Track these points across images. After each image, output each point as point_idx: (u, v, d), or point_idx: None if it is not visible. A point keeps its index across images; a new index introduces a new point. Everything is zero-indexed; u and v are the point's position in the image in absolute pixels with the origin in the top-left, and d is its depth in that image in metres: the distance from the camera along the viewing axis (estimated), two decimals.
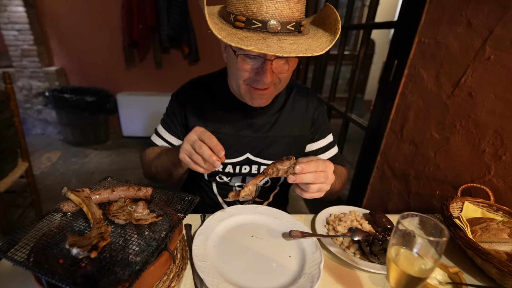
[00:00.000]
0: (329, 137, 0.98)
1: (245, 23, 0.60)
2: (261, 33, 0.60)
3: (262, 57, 0.67)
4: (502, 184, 0.86)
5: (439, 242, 0.43)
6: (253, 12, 0.59)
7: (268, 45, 0.56)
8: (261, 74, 0.68)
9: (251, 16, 0.59)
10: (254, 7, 0.59)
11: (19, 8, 3.06)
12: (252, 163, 0.92)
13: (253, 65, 0.69)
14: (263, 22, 0.59)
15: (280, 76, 0.72)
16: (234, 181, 0.96)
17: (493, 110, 0.88)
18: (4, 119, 1.55)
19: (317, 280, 0.60)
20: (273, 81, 0.71)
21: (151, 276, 0.53)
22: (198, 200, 0.65)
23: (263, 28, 0.59)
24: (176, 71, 3.56)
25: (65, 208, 0.58)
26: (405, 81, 1.24)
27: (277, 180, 0.96)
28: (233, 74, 0.75)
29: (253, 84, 0.72)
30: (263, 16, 0.59)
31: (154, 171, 0.89)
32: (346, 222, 0.79)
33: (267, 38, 0.58)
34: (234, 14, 0.61)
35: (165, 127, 0.95)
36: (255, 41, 0.57)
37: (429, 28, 1.11)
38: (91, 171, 2.90)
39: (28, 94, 3.47)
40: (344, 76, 4.93)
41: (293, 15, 0.61)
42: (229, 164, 0.92)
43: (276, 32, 0.60)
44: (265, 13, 0.58)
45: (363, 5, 4.63)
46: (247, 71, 0.70)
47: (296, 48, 0.58)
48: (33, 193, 1.93)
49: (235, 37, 0.58)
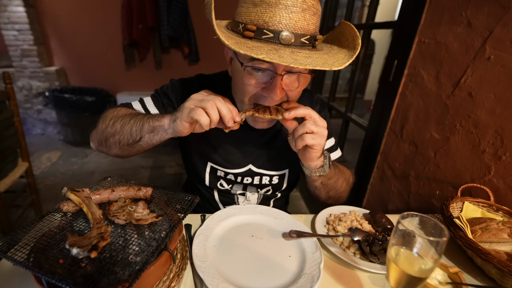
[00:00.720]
0: (330, 140, 0.96)
1: (256, 33, 0.56)
2: (272, 44, 0.55)
3: (271, 71, 0.61)
4: (502, 184, 0.86)
5: (439, 242, 0.43)
6: (265, 21, 0.55)
7: (280, 56, 0.51)
8: (269, 90, 0.62)
9: (262, 25, 0.55)
10: (267, 16, 0.55)
11: (19, 8, 3.06)
12: (255, 175, 0.90)
13: (261, 79, 0.63)
14: (275, 32, 0.55)
15: (289, 94, 0.66)
16: (236, 189, 0.94)
17: (493, 110, 0.88)
18: (4, 119, 1.55)
19: (317, 280, 0.60)
20: (282, 99, 0.66)
21: (151, 276, 0.53)
22: (198, 200, 0.65)
23: (275, 39, 0.55)
24: (176, 71, 3.56)
25: (65, 208, 0.58)
26: (405, 81, 1.24)
27: (278, 188, 0.95)
28: (239, 89, 0.70)
29: (259, 101, 0.67)
30: (276, 26, 0.55)
31: (115, 129, 0.72)
32: (346, 222, 0.79)
33: (279, 50, 0.54)
34: (244, 24, 0.57)
35: (154, 101, 0.85)
36: (266, 51, 0.52)
37: (429, 28, 1.11)
38: (91, 171, 2.90)
39: (28, 94, 3.47)
40: (344, 76, 4.93)
41: (308, 27, 0.57)
42: (231, 173, 0.90)
43: (289, 45, 0.56)
44: (278, 23, 0.54)
45: (363, 5, 4.63)
46: (254, 86, 0.65)
47: (311, 61, 0.53)
48: (33, 193, 1.93)
49: (243, 45, 0.53)
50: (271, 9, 0.54)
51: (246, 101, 0.69)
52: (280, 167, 0.91)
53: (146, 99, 0.87)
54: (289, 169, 0.93)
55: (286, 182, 0.95)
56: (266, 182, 0.93)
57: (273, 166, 0.90)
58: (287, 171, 0.93)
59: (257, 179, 0.91)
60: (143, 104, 0.86)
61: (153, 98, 0.87)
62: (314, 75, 1.95)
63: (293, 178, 0.96)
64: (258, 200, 0.96)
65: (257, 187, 0.94)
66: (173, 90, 0.85)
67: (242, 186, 0.94)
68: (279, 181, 0.93)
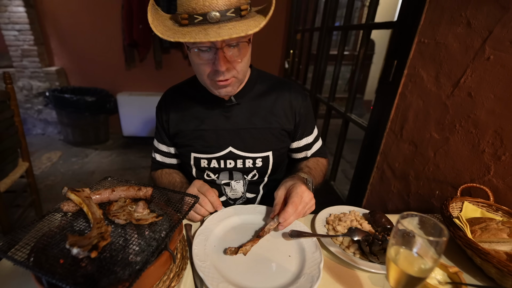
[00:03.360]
0: (314, 132, 1.02)
1: (188, 20, 0.64)
2: (203, 25, 0.64)
3: (214, 47, 0.70)
4: (502, 184, 0.86)
5: (438, 242, 0.43)
6: (193, 8, 0.63)
7: (206, 34, 0.60)
8: (215, 63, 0.71)
9: (192, 12, 0.63)
10: (193, 3, 0.63)
11: (19, 8, 3.06)
12: (237, 157, 0.93)
13: (207, 56, 0.72)
14: (203, 15, 0.63)
15: (235, 65, 0.75)
16: (222, 179, 0.97)
17: (493, 110, 0.88)
18: (4, 119, 1.55)
19: (317, 280, 0.60)
20: (229, 69, 0.74)
21: (151, 276, 0.53)
22: (198, 200, 0.65)
23: (205, 21, 0.63)
24: (176, 71, 3.56)
25: (65, 208, 0.58)
26: (405, 81, 1.24)
27: (264, 172, 0.97)
28: (197, 71, 0.80)
29: (214, 77, 0.75)
30: (202, 10, 0.63)
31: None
32: (346, 222, 0.79)
33: (207, 29, 0.62)
34: (179, 14, 0.66)
35: (157, 139, 1.02)
36: (195, 33, 0.61)
37: (429, 28, 1.11)
38: (91, 171, 2.91)
39: (29, 94, 3.47)
40: (344, 76, 4.93)
41: (230, 2, 0.64)
42: (213, 158, 0.93)
43: (217, 22, 0.64)
44: (203, 6, 0.62)
45: (363, 5, 4.63)
46: (205, 65, 0.74)
47: (233, 31, 0.61)
48: (34, 193, 1.93)
49: (178, 33, 0.63)
50: None
51: (206, 78, 0.78)
52: (261, 148, 0.93)
53: (155, 142, 1.04)
54: (273, 151, 0.95)
55: (271, 165, 0.96)
56: (250, 165, 0.94)
57: (254, 147, 0.92)
58: (271, 153, 0.94)
59: (240, 162, 0.93)
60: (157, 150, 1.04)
61: (156, 137, 1.03)
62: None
63: (279, 161, 0.98)
64: (244, 187, 0.98)
65: (242, 172, 0.96)
66: (158, 118, 0.99)
67: (227, 174, 0.96)
68: (263, 164, 0.95)
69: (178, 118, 0.94)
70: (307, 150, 1.02)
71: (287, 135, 0.96)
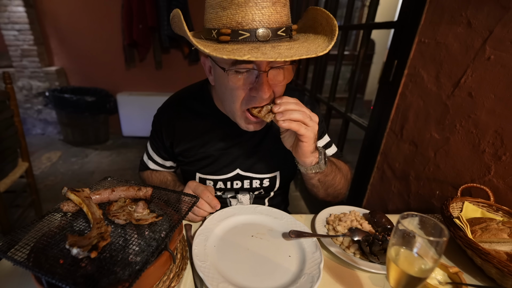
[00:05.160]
0: (325, 137, 0.95)
1: (231, 36, 0.54)
2: (251, 43, 0.55)
3: (255, 70, 0.61)
4: (502, 184, 0.86)
5: (439, 242, 0.43)
6: (238, 22, 0.54)
7: (263, 53, 0.51)
8: (257, 89, 0.62)
9: (236, 27, 0.54)
10: (239, 17, 0.54)
11: (19, 8, 3.06)
12: (244, 178, 0.90)
13: (246, 80, 0.63)
14: (251, 31, 0.54)
15: (276, 89, 0.66)
16: (227, 194, 0.94)
17: (493, 110, 0.88)
18: (4, 119, 1.55)
19: (317, 280, 0.60)
20: (271, 96, 0.65)
21: (151, 276, 0.53)
22: (198, 200, 0.65)
23: (252, 38, 0.54)
24: (176, 71, 3.56)
25: (65, 208, 0.58)
26: (405, 81, 1.24)
27: (271, 189, 0.94)
28: (227, 97, 0.69)
29: (249, 104, 0.66)
30: (250, 25, 0.54)
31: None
32: (346, 222, 0.79)
33: (259, 47, 0.53)
34: (216, 29, 0.56)
35: (153, 148, 0.96)
36: (247, 51, 0.52)
37: (429, 28, 1.11)
38: (91, 171, 2.90)
39: (28, 94, 3.47)
40: (344, 76, 4.93)
41: (282, 20, 0.56)
42: (220, 180, 0.90)
43: (267, 40, 0.55)
44: (252, 21, 0.53)
45: (363, 5, 4.63)
46: (241, 90, 0.64)
47: (295, 52, 0.53)
48: (33, 193, 1.93)
49: (223, 51, 0.52)
50: (242, 9, 0.53)
51: (238, 107, 0.68)
52: (270, 169, 0.90)
53: (149, 150, 0.97)
54: (281, 170, 0.91)
55: (278, 183, 0.93)
56: (257, 186, 0.92)
57: (262, 169, 0.89)
58: (278, 173, 0.92)
59: (247, 182, 0.90)
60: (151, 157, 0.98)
61: (151, 146, 0.96)
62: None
63: (287, 178, 0.95)
64: (250, 200, 0.95)
65: (249, 191, 0.93)
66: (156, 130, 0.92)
67: (233, 191, 0.94)
68: (270, 183, 0.92)
69: (183, 136, 0.87)
70: None
71: None
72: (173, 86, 3.48)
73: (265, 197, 0.99)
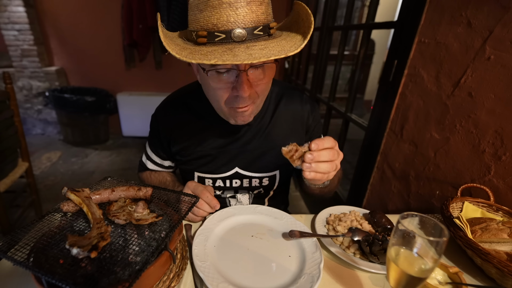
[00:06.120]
0: None
1: (208, 38, 0.55)
2: (227, 44, 0.55)
3: (235, 69, 0.61)
4: (502, 184, 0.86)
5: (439, 242, 0.43)
6: (214, 24, 0.54)
7: (235, 55, 0.51)
8: (237, 88, 0.63)
9: (212, 29, 0.55)
10: (214, 19, 0.54)
11: (19, 8, 3.06)
12: (243, 177, 0.90)
13: (227, 79, 0.63)
14: (226, 32, 0.54)
15: (257, 89, 0.66)
16: (227, 193, 0.95)
17: (493, 110, 0.88)
18: (4, 119, 1.55)
19: (317, 280, 0.60)
20: (252, 95, 0.66)
21: (151, 276, 0.53)
22: (198, 200, 0.65)
23: (228, 39, 0.55)
24: (176, 71, 3.56)
25: (65, 208, 0.58)
26: (405, 81, 1.24)
27: (270, 188, 0.95)
28: (212, 96, 0.71)
29: (233, 104, 0.67)
30: (226, 26, 0.54)
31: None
32: (346, 222, 0.79)
33: (233, 48, 0.53)
34: (195, 31, 0.57)
35: (151, 148, 0.96)
36: (220, 53, 0.52)
37: (429, 28, 1.11)
38: (91, 171, 2.90)
39: (28, 94, 3.47)
40: (344, 76, 4.92)
41: (258, 18, 0.56)
42: (219, 179, 0.90)
43: (243, 41, 0.55)
44: (227, 22, 0.54)
45: (363, 5, 4.63)
46: (223, 89, 0.65)
47: (267, 52, 0.53)
48: (33, 193, 1.93)
49: (197, 53, 0.53)
50: (216, 11, 0.54)
51: (223, 106, 0.69)
52: (269, 168, 0.90)
53: (148, 150, 0.98)
54: (280, 170, 0.92)
55: (277, 182, 0.94)
56: (256, 184, 0.92)
57: (261, 168, 0.89)
58: (278, 172, 0.92)
59: (246, 181, 0.91)
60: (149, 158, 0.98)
61: (150, 146, 0.97)
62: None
63: (286, 177, 0.96)
64: (249, 200, 0.96)
65: (248, 190, 0.94)
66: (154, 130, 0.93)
67: (232, 190, 0.94)
68: (269, 183, 0.93)
69: (181, 135, 0.87)
70: None
71: None
72: (173, 86, 3.45)
73: (265, 196, 0.99)
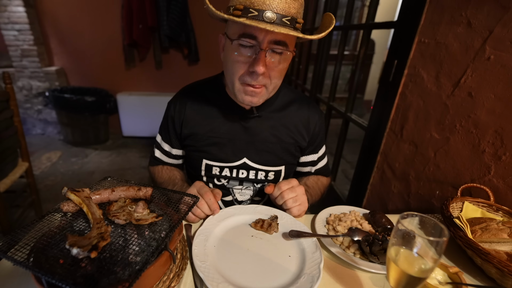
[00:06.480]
0: (322, 149, 1.02)
1: (243, 11, 0.63)
2: (257, 21, 0.63)
3: (257, 47, 0.68)
4: (502, 184, 0.86)
5: (439, 242, 0.43)
6: (251, 2, 0.63)
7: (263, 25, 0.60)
8: (254, 64, 0.69)
9: (248, 5, 0.63)
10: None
11: (19, 8, 3.06)
12: (250, 168, 0.92)
13: (247, 53, 0.70)
14: (259, 11, 0.63)
15: (271, 72, 0.73)
16: (232, 184, 0.96)
17: (493, 110, 0.88)
18: (4, 119, 1.55)
19: (317, 280, 0.60)
20: (265, 76, 0.72)
21: (151, 276, 0.53)
22: (198, 200, 0.65)
23: (259, 17, 0.63)
24: (176, 71, 3.56)
25: (65, 208, 0.58)
26: (405, 81, 1.24)
27: (275, 181, 0.96)
28: (229, 69, 0.76)
29: (246, 80, 0.73)
30: (260, 6, 0.62)
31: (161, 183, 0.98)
32: (346, 222, 0.79)
33: (261, 24, 0.61)
34: (233, 6, 0.66)
35: (162, 136, 0.99)
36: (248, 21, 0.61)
37: (429, 28, 1.11)
38: (91, 171, 2.90)
39: (28, 94, 3.47)
40: (344, 76, 4.93)
41: (289, 10, 0.64)
42: (226, 167, 0.92)
43: (271, 22, 0.63)
44: (263, 3, 0.62)
45: (363, 5, 4.63)
46: (241, 63, 0.72)
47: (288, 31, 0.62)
48: (33, 193, 1.93)
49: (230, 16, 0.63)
50: None
51: (236, 80, 0.75)
52: (276, 163, 0.93)
53: (158, 138, 1.00)
54: (286, 166, 0.95)
55: (282, 178, 0.97)
56: (262, 177, 0.94)
57: (268, 161, 0.92)
58: (284, 168, 0.95)
59: (252, 173, 0.93)
60: (160, 147, 1.00)
61: (161, 133, 0.99)
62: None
63: (289, 173, 1.00)
64: (253, 193, 0.98)
65: (253, 182, 0.95)
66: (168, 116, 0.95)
67: (238, 181, 0.95)
68: (275, 177, 0.95)
69: (194, 119, 0.90)
70: (313, 166, 1.02)
71: (300, 150, 0.97)
72: (173, 86, 3.48)
73: None
